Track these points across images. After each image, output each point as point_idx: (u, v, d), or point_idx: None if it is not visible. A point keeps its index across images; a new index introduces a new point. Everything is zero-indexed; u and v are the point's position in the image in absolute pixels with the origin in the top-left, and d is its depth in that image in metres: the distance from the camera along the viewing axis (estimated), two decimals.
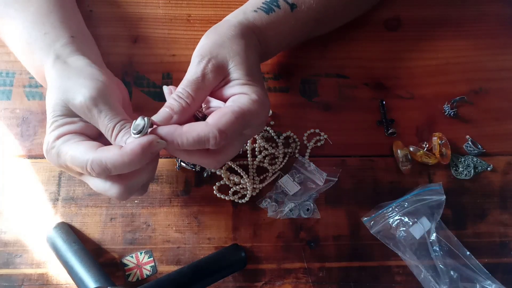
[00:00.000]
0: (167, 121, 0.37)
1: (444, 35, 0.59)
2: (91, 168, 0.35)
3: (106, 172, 0.35)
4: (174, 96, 0.38)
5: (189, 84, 0.38)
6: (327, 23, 0.53)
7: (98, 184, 0.38)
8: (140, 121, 0.36)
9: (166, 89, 0.43)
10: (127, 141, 0.36)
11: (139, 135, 0.35)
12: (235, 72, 0.40)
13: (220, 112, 0.36)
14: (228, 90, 0.40)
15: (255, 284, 0.49)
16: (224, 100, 0.40)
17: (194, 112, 0.39)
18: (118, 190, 0.37)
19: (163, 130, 0.36)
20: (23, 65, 0.48)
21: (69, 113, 0.39)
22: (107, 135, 0.38)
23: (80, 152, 0.36)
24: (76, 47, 0.44)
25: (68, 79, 0.40)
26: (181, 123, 0.37)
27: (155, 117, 0.37)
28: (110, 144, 0.38)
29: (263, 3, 0.46)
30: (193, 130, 0.35)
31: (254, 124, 0.39)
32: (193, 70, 0.39)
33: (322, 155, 0.53)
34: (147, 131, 0.35)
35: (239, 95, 0.39)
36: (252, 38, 0.44)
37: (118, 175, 0.37)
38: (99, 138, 0.40)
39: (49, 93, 0.40)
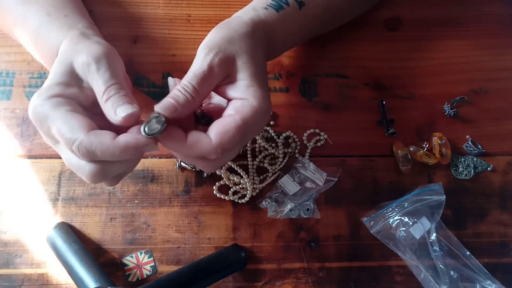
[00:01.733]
0: (171, 113, 0.35)
1: (444, 35, 0.59)
2: (77, 148, 0.33)
3: (91, 157, 0.34)
4: (179, 88, 0.37)
5: (195, 78, 0.37)
6: (331, 21, 0.53)
7: (72, 160, 0.35)
8: (155, 125, 0.34)
9: (171, 80, 0.42)
10: (118, 109, 0.35)
11: (149, 136, 0.34)
12: (242, 71, 0.39)
13: (223, 127, 0.36)
14: (233, 91, 0.39)
15: (255, 284, 0.49)
16: (226, 98, 0.40)
17: (197, 106, 0.39)
18: (92, 171, 0.35)
19: (169, 140, 0.35)
20: (31, 51, 0.47)
21: (68, 77, 0.37)
22: (98, 96, 0.36)
23: (70, 126, 0.34)
24: (96, 33, 0.44)
25: (82, 43, 0.40)
26: (186, 115, 0.37)
27: (159, 107, 0.35)
28: (100, 111, 0.37)
29: (273, 0, 0.46)
30: (197, 148, 0.35)
31: (255, 132, 0.39)
32: (199, 63, 0.38)
33: (322, 155, 0.53)
34: (156, 136, 0.34)
35: (241, 101, 0.38)
36: (262, 36, 0.43)
37: None
38: (93, 107, 0.38)
39: (57, 58, 0.39)
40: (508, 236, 0.52)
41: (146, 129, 0.34)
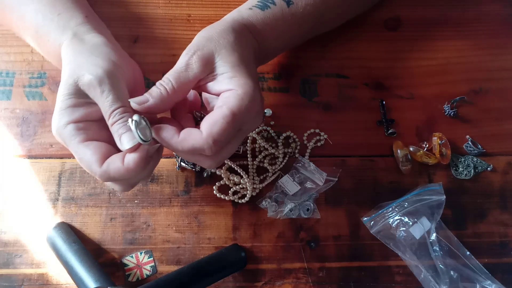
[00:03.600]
0: (141, 104, 0.37)
1: (444, 35, 0.59)
2: (100, 178, 0.37)
3: (113, 180, 0.38)
4: (156, 84, 0.39)
5: (172, 73, 0.39)
6: (327, 20, 0.52)
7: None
8: (144, 126, 0.36)
9: None
10: (123, 138, 0.36)
11: (147, 142, 0.36)
12: (222, 65, 0.40)
13: (212, 119, 0.37)
14: (217, 85, 0.40)
15: (255, 284, 0.49)
16: (215, 94, 0.40)
17: (175, 100, 0.39)
18: (120, 189, 0.40)
19: (161, 136, 0.37)
20: (39, 51, 0.48)
21: (78, 92, 0.39)
22: (105, 118, 0.38)
23: (86, 161, 0.37)
24: (92, 27, 0.44)
25: (82, 56, 0.40)
26: (162, 110, 0.39)
27: (132, 100, 0.37)
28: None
29: (258, 1, 0.46)
30: (188, 140, 0.37)
31: (249, 119, 0.39)
32: (179, 62, 0.40)
33: (322, 155, 0.53)
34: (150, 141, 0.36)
35: (227, 92, 0.39)
36: (246, 34, 0.43)
37: None
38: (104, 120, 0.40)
39: (63, 71, 0.40)
40: (508, 236, 0.52)
41: (141, 136, 0.36)
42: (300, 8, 0.47)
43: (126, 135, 0.36)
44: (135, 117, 0.36)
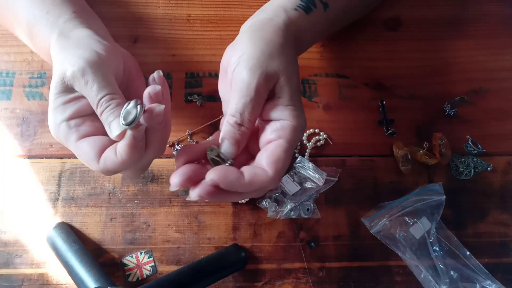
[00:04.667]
0: (236, 154, 0.36)
1: (444, 35, 0.59)
2: (102, 173, 0.37)
3: (117, 172, 0.36)
4: (232, 123, 0.36)
5: (246, 108, 0.36)
6: (347, 21, 0.53)
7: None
8: (131, 109, 0.32)
9: (151, 77, 0.38)
10: (111, 126, 0.35)
11: (128, 126, 0.32)
12: (283, 88, 0.37)
13: (273, 155, 0.35)
14: (272, 111, 0.37)
15: (255, 284, 0.49)
16: (263, 118, 0.38)
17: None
18: (133, 174, 0.40)
19: (227, 180, 0.33)
20: (35, 51, 0.47)
21: (66, 89, 0.38)
22: (94, 109, 0.37)
23: (84, 158, 0.36)
24: (80, 21, 0.42)
25: (66, 52, 0.38)
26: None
27: (222, 153, 0.36)
28: None
29: (301, 0, 0.44)
30: (256, 182, 0.34)
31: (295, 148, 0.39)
32: (245, 87, 0.36)
33: (322, 155, 0.53)
34: (138, 121, 0.33)
35: (281, 123, 0.37)
36: (292, 40, 0.41)
37: None
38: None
39: (53, 70, 0.39)
40: (508, 236, 0.52)
41: (121, 118, 0.33)
42: (332, 12, 0.47)
43: (114, 123, 0.35)
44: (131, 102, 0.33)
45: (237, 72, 0.37)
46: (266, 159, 0.35)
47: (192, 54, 0.56)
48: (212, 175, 0.32)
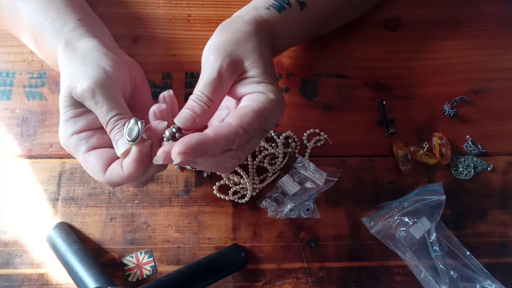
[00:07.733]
0: (191, 124, 0.36)
1: (444, 35, 0.59)
2: (107, 185, 0.38)
3: (122, 184, 0.39)
4: (193, 99, 0.37)
5: (207, 87, 0.37)
6: (331, 22, 0.53)
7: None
8: (133, 126, 0.35)
9: (161, 95, 0.40)
10: (118, 143, 0.36)
11: (133, 142, 0.35)
12: (252, 70, 0.39)
13: (241, 111, 0.36)
14: (243, 88, 0.39)
15: (255, 284, 0.49)
16: (237, 98, 0.39)
17: (213, 115, 0.38)
18: (136, 186, 0.42)
19: (192, 141, 0.33)
20: (40, 57, 0.48)
21: (75, 103, 0.39)
22: (104, 126, 0.38)
23: (91, 170, 0.38)
24: (85, 30, 0.43)
25: (73, 66, 0.39)
26: (201, 127, 0.37)
27: (177, 119, 0.36)
28: None
29: (275, 0, 0.45)
30: (221, 134, 0.34)
31: (272, 123, 0.39)
32: (208, 71, 0.38)
33: (322, 155, 0.53)
34: (141, 137, 0.35)
35: (255, 94, 0.38)
36: (266, 35, 0.43)
37: None
38: None
39: (60, 80, 0.40)
40: (508, 236, 0.52)
41: (126, 135, 0.35)
42: (310, 12, 0.47)
43: (121, 141, 0.36)
44: (132, 120, 0.35)
45: (204, 57, 0.39)
46: (231, 116, 0.36)
47: (192, 54, 0.56)
48: (179, 146, 0.33)
